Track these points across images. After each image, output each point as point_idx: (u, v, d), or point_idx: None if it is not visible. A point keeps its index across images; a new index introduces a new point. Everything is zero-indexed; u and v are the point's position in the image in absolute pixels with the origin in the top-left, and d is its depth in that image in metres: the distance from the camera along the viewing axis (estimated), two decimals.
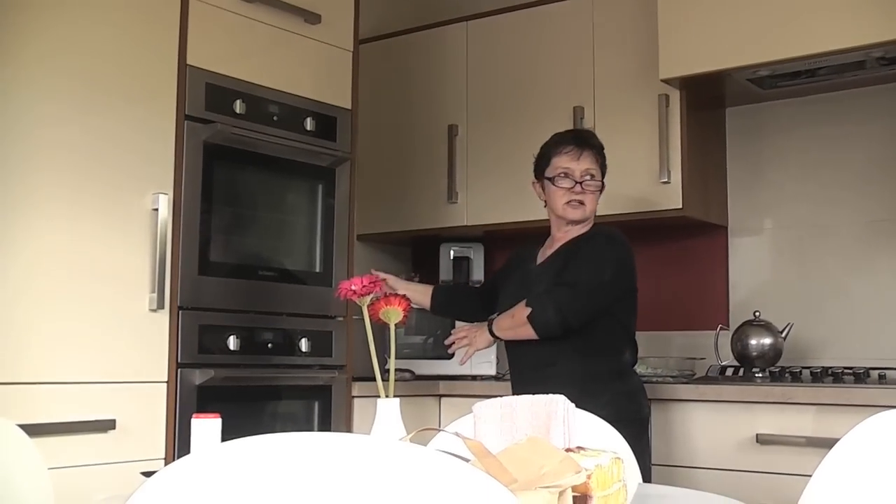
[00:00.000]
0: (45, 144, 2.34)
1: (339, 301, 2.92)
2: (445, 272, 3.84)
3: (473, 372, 3.52)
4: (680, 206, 3.20)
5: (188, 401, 2.56)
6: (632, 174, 3.21)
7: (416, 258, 4.15)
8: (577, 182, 2.57)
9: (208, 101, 2.71)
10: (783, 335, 3.14)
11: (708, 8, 3.05)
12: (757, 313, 3.18)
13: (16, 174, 2.27)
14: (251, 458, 0.84)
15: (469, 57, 3.74)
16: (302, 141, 2.94)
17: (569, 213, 2.60)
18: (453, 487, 0.84)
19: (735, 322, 3.29)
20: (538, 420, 1.55)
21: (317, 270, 3.02)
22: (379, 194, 3.85)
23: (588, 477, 1.24)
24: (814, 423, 2.61)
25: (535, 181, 2.70)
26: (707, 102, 3.39)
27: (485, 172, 3.63)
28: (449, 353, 2.84)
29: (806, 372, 2.97)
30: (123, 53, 2.51)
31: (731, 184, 3.50)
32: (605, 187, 2.65)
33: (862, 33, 2.80)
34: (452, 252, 3.86)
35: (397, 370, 3.11)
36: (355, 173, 3.14)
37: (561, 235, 2.65)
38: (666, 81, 3.17)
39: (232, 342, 2.70)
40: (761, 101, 3.41)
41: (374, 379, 1.66)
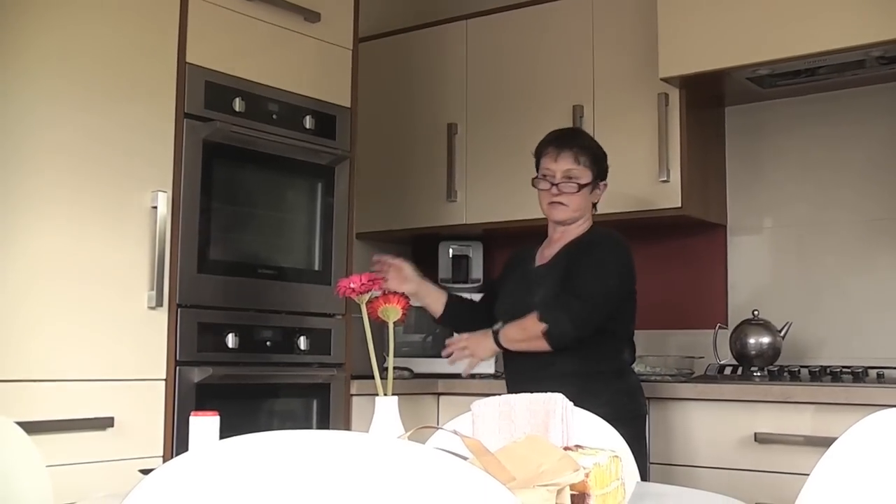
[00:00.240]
0: (45, 142, 2.33)
1: (338, 299, 2.92)
2: (444, 270, 3.84)
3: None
4: (679, 205, 3.20)
5: (186, 399, 2.56)
6: (631, 173, 3.21)
7: (416, 256, 4.14)
8: (554, 184, 2.57)
9: (208, 100, 2.71)
10: (782, 334, 3.14)
11: (708, 7, 3.05)
12: (756, 312, 3.18)
13: (15, 172, 2.27)
14: (249, 457, 0.84)
15: (469, 55, 3.74)
16: (301, 139, 2.94)
17: (552, 214, 2.61)
18: (451, 486, 0.84)
19: (734, 321, 3.29)
20: (536, 418, 1.55)
21: (316, 269, 3.02)
22: (378, 193, 3.85)
23: (586, 475, 1.24)
24: (812, 422, 2.61)
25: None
26: (707, 101, 3.39)
27: (484, 171, 3.63)
28: (448, 363, 2.68)
29: (804, 371, 2.98)
30: (123, 51, 2.51)
31: (731, 183, 3.50)
32: (602, 185, 2.63)
33: (861, 32, 2.80)
34: (451, 250, 3.86)
35: (396, 368, 3.12)
36: (354, 172, 3.14)
37: (558, 236, 2.65)
38: (665, 80, 3.17)
39: (230, 340, 2.70)
40: (761, 100, 3.41)
41: (373, 377, 1.66)
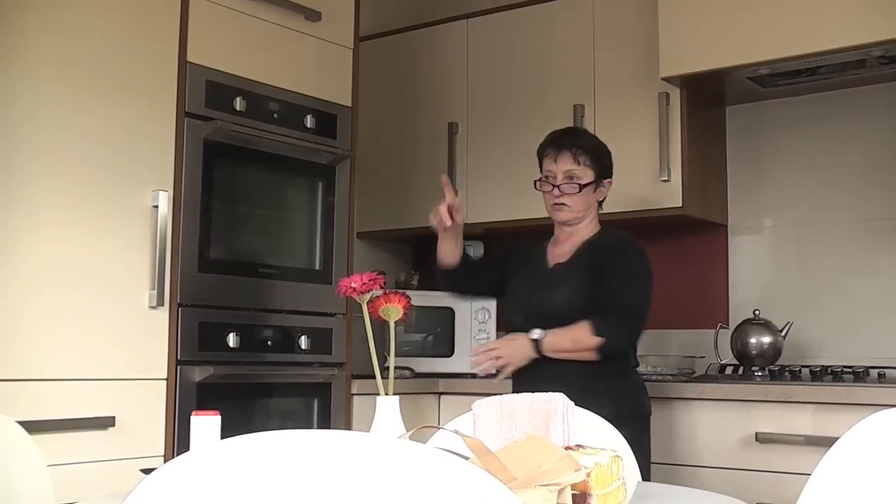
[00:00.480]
0: (45, 141, 2.33)
1: (339, 298, 2.92)
2: None
3: (473, 370, 3.52)
4: (680, 205, 3.20)
5: (188, 398, 2.56)
6: (632, 173, 3.21)
7: (416, 256, 4.15)
8: (555, 186, 2.57)
9: (208, 99, 2.71)
10: (783, 334, 3.14)
11: (708, 6, 3.05)
12: (756, 312, 3.18)
13: (16, 172, 2.27)
14: (250, 456, 0.84)
15: (470, 55, 3.74)
16: (302, 138, 2.94)
17: (555, 216, 2.62)
18: (452, 485, 0.84)
19: (735, 320, 3.29)
20: (537, 418, 1.55)
21: (317, 268, 3.02)
22: (379, 192, 3.85)
23: (587, 475, 1.24)
24: (813, 422, 2.61)
25: None
26: (707, 101, 3.39)
27: (485, 170, 3.63)
28: (478, 372, 2.57)
29: (805, 370, 2.98)
30: (124, 50, 2.51)
31: (731, 182, 3.50)
32: (606, 183, 2.62)
33: (862, 32, 2.80)
34: None
35: (397, 368, 3.12)
36: (355, 171, 3.14)
37: (566, 236, 2.64)
38: (666, 80, 3.17)
39: (231, 339, 2.70)
40: (762, 100, 3.40)
41: (374, 376, 1.65)
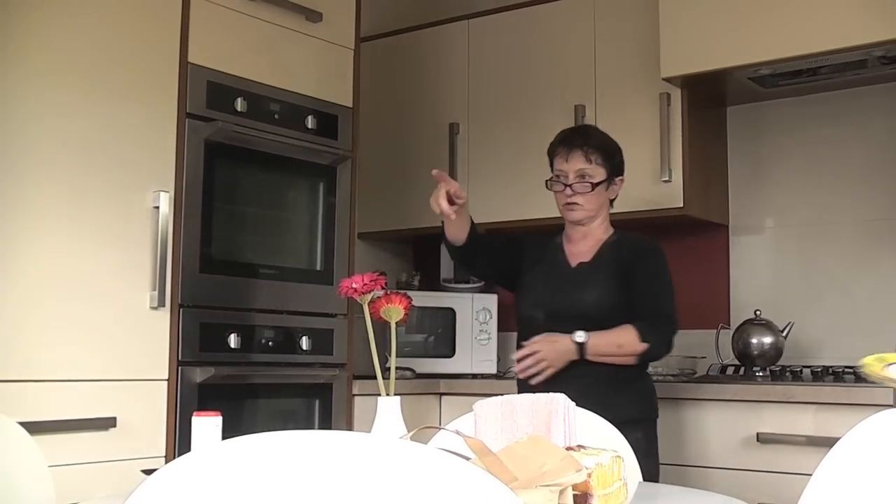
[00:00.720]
0: (46, 142, 2.34)
1: (340, 299, 2.90)
2: (446, 270, 3.83)
3: (474, 370, 3.52)
4: (681, 205, 3.20)
5: (189, 399, 2.56)
6: (633, 173, 3.17)
7: (417, 256, 4.15)
8: (567, 185, 2.56)
9: (209, 99, 2.71)
10: (784, 334, 3.14)
11: (709, 6, 3.05)
12: (758, 312, 3.18)
13: (17, 172, 2.27)
14: (251, 457, 0.84)
15: (470, 55, 3.74)
16: (303, 139, 2.94)
17: (568, 216, 2.60)
18: (454, 486, 0.84)
19: (736, 321, 3.29)
20: (539, 418, 1.55)
21: (318, 268, 3.02)
22: (380, 192, 3.85)
23: (588, 475, 1.24)
24: (814, 422, 2.60)
25: None
26: (708, 101, 3.39)
27: (486, 171, 3.63)
28: (520, 376, 2.51)
29: (807, 371, 2.97)
30: (125, 51, 2.51)
31: (733, 182, 3.50)
32: (618, 181, 2.60)
33: (863, 32, 2.80)
34: None
35: (398, 368, 3.11)
36: (356, 171, 3.14)
37: (580, 235, 2.62)
38: (667, 80, 3.17)
39: (233, 340, 2.70)
40: (762, 100, 3.40)
41: (375, 377, 1.65)
